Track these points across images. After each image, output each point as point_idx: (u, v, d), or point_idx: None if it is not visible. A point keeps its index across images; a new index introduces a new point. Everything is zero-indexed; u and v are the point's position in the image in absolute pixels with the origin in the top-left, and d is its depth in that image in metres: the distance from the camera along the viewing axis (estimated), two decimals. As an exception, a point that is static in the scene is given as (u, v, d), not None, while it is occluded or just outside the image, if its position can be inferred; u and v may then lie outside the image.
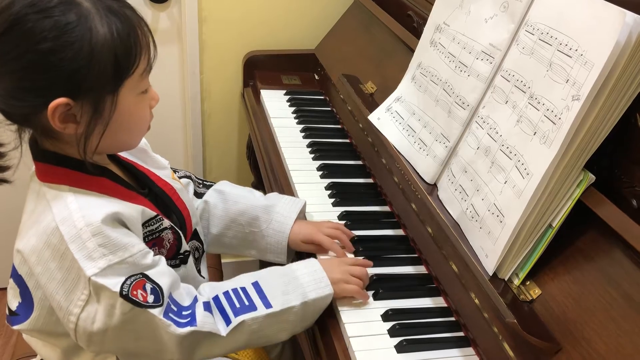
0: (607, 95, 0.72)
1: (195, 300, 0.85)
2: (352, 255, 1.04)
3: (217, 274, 1.37)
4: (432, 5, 1.14)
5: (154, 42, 0.81)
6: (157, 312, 0.79)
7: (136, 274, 0.79)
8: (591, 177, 0.77)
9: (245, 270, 2.06)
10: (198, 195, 1.12)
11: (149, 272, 0.80)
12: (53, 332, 0.85)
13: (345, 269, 0.95)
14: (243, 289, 0.89)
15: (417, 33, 1.26)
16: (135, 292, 0.77)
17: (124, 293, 0.76)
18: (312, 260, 0.95)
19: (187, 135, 1.85)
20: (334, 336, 0.91)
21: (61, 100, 0.73)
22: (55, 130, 0.76)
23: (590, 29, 0.75)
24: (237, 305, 0.86)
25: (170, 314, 0.80)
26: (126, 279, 0.77)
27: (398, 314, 0.92)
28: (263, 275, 0.92)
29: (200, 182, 1.15)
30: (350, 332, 0.89)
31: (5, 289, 1.84)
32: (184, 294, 0.84)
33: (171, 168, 1.12)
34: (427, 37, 1.14)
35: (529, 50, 0.86)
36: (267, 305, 0.87)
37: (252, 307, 0.86)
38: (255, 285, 0.89)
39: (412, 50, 1.20)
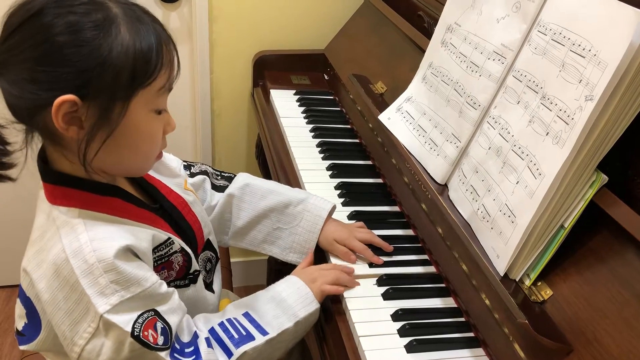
0: (620, 96, 0.72)
1: (196, 336, 0.84)
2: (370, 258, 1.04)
3: (226, 273, 1.37)
4: (443, 5, 1.14)
5: (178, 63, 0.80)
6: (164, 354, 0.78)
7: (148, 310, 0.77)
8: (604, 178, 0.77)
9: (254, 270, 2.07)
10: (217, 188, 1.11)
11: (160, 308, 0.79)
12: (60, 351, 0.84)
13: (324, 273, 0.96)
14: (236, 319, 0.88)
15: (428, 33, 1.26)
16: (146, 333, 0.76)
17: (135, 333, 0.75)
18: (292, 278, 0.96)
19: (197, 135, 1.86)
20: (344, 335, 0.91)
21: (68, 97, 0.71)
22: (59, 134, 0.74)
23: (604, 29, 0.75)
24: (236, 336, 0.86)
25: (175, 354, 0.79)
26: (138, 317, 0.76)
27: (408, 314, 0.92)
28: (251, 304, 0.92)
29: (218, 173, 1.14)
30: (360, 332, 0.89)
31: (12, 286, 1.84)
32: (185, 330, 0.83)
33: (186, 163, 1.11)
34: (438, 37, 1.14)
35: (541, 50, 0.86)
36: (264, 332, 0.87)
37: (250, 337, 0.86)
38: (247, 315, 0.89)
39: (423, 51, 1.20)
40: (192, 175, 1.10)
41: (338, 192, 1.22)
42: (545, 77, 0.84)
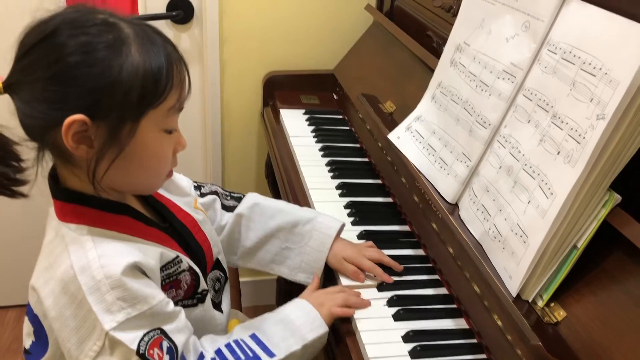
0: (633, 114, 0.71)
1: (202, 356, 0.83)
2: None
3: (236, 293, 1.36)
4: (452, 25, 1.14)
5: (189, 83, 0.80)
6: None
7: (154, 329, 0.77)
8: (617, 198, 0.76)
9: (263, 290, 2.05)
10: (227, 208, 1.12)
11: (166, 327, 0.78)
12: None
13: (331, 297, 0.95)
14: (242, 341, 0.88)
15: (437, 53, 1.26)
16: (151, 352, 0.75)
17: (140, 352, 0.74)
18: (301, 301, 0.95)
19: (207, 154, 1.86)
20: (354, 357, 0.89)
21: (78, 116, 0.71)
22: (69, 152, 0.75)
23: (615, 47, 0.74)
24: (242, 357, 0.85)
25: None
26: (144, 335, 0.75)
27: (419, 335, 0.91)
28: (258, 326, 0.91)
29: (228, 194, 1.14)
30: (371, 353, 0.88)
31: (21, 306, 1.83)
32: (191, 351, 0.82)
33: (197, 183, 1.12)
34: (447, 57, 1.14)
35: (551, 69, 0.86)
36: (270, 354, 0.86)
37: (257, 359, 0.86)
38: (254, 337, 0.89)
39: (432, 70, 1.20)
40: (202, 195, 1.11)
41: (347, 211, 1.22)
42: (556, 96, 0.83)
